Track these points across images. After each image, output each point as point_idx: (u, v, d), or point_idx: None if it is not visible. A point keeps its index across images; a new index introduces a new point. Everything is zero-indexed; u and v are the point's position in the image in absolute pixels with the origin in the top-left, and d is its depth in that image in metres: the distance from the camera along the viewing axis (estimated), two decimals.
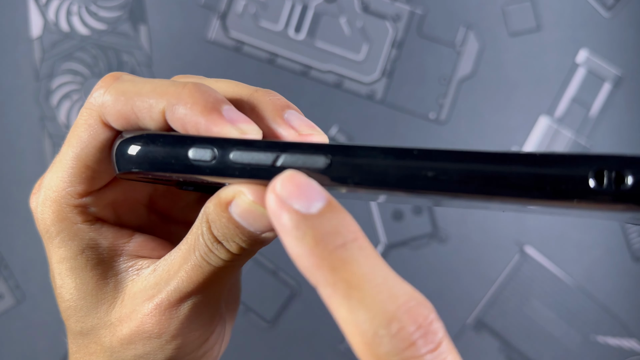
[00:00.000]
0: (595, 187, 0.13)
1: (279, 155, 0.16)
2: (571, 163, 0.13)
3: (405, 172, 0.15)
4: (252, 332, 0.57)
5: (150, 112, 0.17)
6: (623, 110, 0.57)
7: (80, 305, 0.19)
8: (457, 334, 0.57)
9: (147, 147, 0.17)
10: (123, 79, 0.18)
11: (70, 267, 0.19)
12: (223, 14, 0.55)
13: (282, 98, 0.18)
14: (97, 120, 0.18)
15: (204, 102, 0.17)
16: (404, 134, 0.56)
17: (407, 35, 0.56)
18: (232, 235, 0.17)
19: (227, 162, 0.16)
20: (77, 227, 0.19)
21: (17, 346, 0.55)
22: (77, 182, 0.18)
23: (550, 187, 0.13)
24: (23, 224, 0.55)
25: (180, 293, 0.18)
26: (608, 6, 0.56)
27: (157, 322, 0.18)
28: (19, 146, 0.54)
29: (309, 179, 0.14)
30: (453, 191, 0.14)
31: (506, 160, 0.14)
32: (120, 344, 0.19)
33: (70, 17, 0.53)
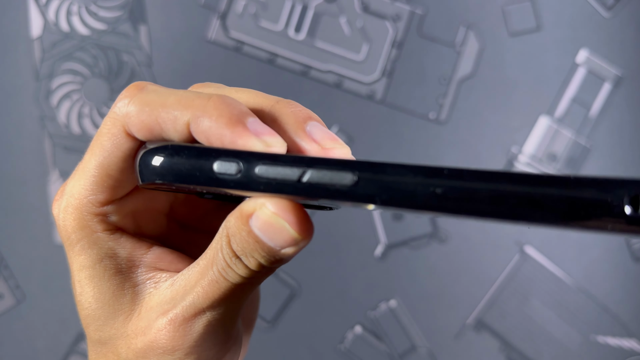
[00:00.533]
0: (631, 214, 0.13)
1: (305, 171, 0.15)
2: (606, 187, 0.13)
3: (434, 192, 0.14)
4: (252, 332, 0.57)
5: (174, 124, 0.17)
6: (623, 110, 0.57)
7: (99, 314, 0.19)
8: (457, 334, 0.57)
9: (171, 159, 0.17)
10: (148, 89, 0.18)
11: (89, 276, 0.19)
12: (223, 14, 0.55)
13: (304, 109, 0.18)
14: (120, 130, 0.18)
15: (229, 114, 0.16)
16: (404, 134, 0.56)
17: (407, 35, 0.56)
18: (251, 250, 0.17)
19: (252, 176, 0.16)
20: (96, 236, 0.19)
21: (17, 346, 0.55)
22: (98, 191, 0.18)
23: (584, 212, 0.13)
24: (23, 224, 0.55)
25: (196, 309, 0.18)
26: (608, 6, 0.56)
27: (171, 338, 0.18)
28: (19, 146, 0.54)
29: None
30: (483, 215, 0.14)
31: (539, 183, 0.13)
32: (135, 357, 0.19)
33: (70, 17, 0.53)
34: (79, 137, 0.54)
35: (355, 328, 0.58)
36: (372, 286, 0.58)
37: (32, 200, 0.54)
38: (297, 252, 0.17)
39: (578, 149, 0.58)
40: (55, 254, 0.55)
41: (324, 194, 0.15)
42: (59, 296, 0.55)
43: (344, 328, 0.58)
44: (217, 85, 0.20)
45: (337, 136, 0.17)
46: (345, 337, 0.58)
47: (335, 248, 0.57)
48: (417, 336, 0.58)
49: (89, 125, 0.54)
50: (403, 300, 0.58)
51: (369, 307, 0.58)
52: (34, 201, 0.54)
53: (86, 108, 0.54)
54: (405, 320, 0.58)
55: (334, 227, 0.57)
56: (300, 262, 0.57)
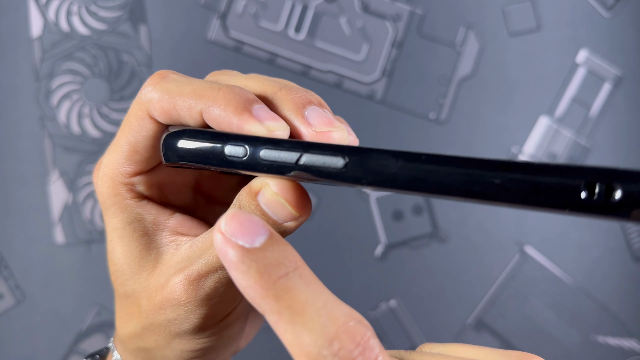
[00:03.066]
0: (586, 199, 0.14)
1: (302, 155, 0.17)
2: (565, 174, 0.14)
3: (413, 175, 0.16)
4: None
5: (189, 111, 0.19)
6: (623, 110, 0.57)
7: (125, 270, 0.22)
8: (457, 334, 0.57)
9: (188, 142, 0.19)
10: (169, 78, 0.21)
11: (120, 236, 0.22)
12: (223, 14, 0.55)
13: (305, 94, 0.20)
14: (145, 114, 0.20)
15: (236, 103, 0.19)
16: (404, 134, 0.56)
17: (407, 35, 0.56)
18: None
19: (257, 159, 0.18)
20: (126, 202, 0.21)
21: (17, 346, 0.55)
22: (128, 164, 0.21)
23: (544, 196, 0.14)
24: (23, 224, 0.55)
25: (209, 267, 0.20)
26: (608, 6, 0.56)
27: (185, 291, 0.20)
28: (19, 146, 0.54)
29: (251, 215, 0.15)
30: (455, 195, 0.16)
31: (505, 168, 0.15)
32: (153, 309, 0.21)
33: (70, 17, 0.53)
34: (79, 137, 0.54)
35: None
36: (372, 286, 0.58)
37: (32, 200, 0.54)
38: (298, 226, 0.19)
39: (578, 149, 0.58)
40: (55, 254, 0.55)
41: (319, 175, 0.17)
42: (59, 296, 0.55)
43: None
44: (232, 73, 0.22)
45: (333, 119, 0.19)
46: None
47: (335, 248, 0.57)
48: (417, 336, 0.58)
49: (89, 125, 0.54)
50: (403, 300, 0.58)
51: (369, 307, 0.58)
52: (34, 201, 0.54)
53: (86, 108, 0.54)
54: (405, 320, 0.58)
55: (334, 227, 0.57)
56: None
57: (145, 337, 0.22)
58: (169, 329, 0.21)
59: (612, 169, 0.14)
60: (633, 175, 0.14)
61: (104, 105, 0.54)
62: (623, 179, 0.14)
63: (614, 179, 0.14)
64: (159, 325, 0.21)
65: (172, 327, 0.21)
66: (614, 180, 0.14)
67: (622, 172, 0.14)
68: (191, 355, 0.22)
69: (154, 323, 0.21)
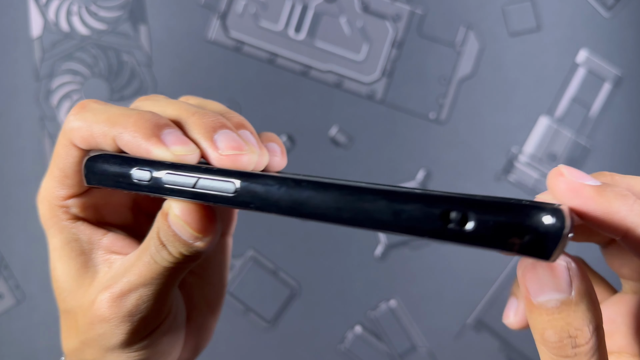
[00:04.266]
0: (442, 227, 0.14)
1: (198, 180, 0.18)
2: (425, 202, 0.14)
3: (293, 201, 0.17)
4: (252, 332, 0.57)
5: (104, 138, 0.20)
6: (623, 110, 0.57)
7: (65, 287, 0.23)
8: (457, 334, 0.57)
9: (102, 166, 0.20)
10: (88, 107, 0.22)
11: (59, 255, 0.23)
12: (223, 14, 0.55)
13: (218, 119, 0.20)
14: (69, 142, 0.22)
15: (145, 128, 0.19)
16: (404, 134, 0.56)
17: (407, 35, 0.56)
18: (171, 241, 0.20)
19: (159, 183, 0.19)
20: (62, 224, 0.23)
21: (17, 346, 0.55)
22: (60, 188, 0.23)
23: (405, 223, 0.15)
24: (23, 224, 0.55)
25: (130, 285, 0.21)
26: (608, 6, 0.56)
27: (109, 308, 0.21)
28: (19, 146, 0.54)
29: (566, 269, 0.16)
30: (329, 221, 0.16)
31: (370, 195, 0.15)
32: (86, 324, 0.22)
33: (70, 17, 0.53)
34: None
35: (355, 328, 0.58)
36: (372, 286, 0.58)
37: (32, 200, 0.54)
38: (209, 245, 0.20)
39: (578, 149, 0.58)
40: None
41: (214, 200, 0.18)
42: None
43: (344, 328, 0.58)
44: (157, 98, 0.23)
45: (243, 143, 0.20)
46: (345, 337, 0.58)
47: (335, 248, 0.57)
48: (417, 336, 0.58)
49: None
50: (403, 300, 0.58)
51: (369, 307, 0.58)
52: (34, 201, 0.54)
53: None
54: (405, 320, 0.58)
55: (334, 227, 0.57)
56: (300, 262, 0.57)
57: (83, 351, 0.23)
58: (100, 344, 0.22)
59: (465, 198, 0.14)
60: (486, 204, 0.14)
61: None
62: (476, 208, 0.14)
63: (467, 209, 0.14)
64: (92, 340, 0.22)
65: (102, 341, 0.22)
66: (467, 209, 0.14)
67: (474, 201, 0.14)
68: None
69: (88, 338, 0.22)
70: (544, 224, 0.14)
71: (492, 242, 0.14)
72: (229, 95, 0.55)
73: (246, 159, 0.19)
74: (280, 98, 0.55)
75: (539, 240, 0.14)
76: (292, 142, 0.56)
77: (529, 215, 0.14)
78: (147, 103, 0.23)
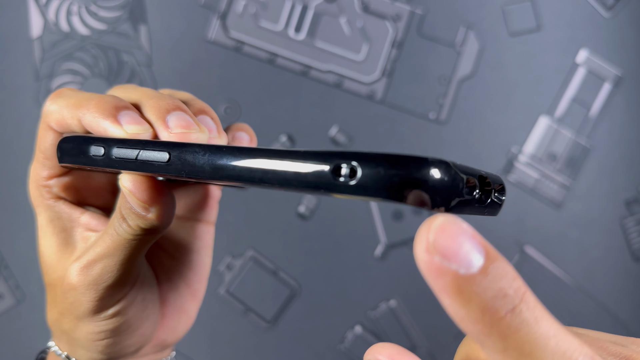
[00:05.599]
0: (334, 181, 0.15)
1: (140, 151, 0.20)
2: (317, 158, 0.16)
3: (214, 166, 0.18)
4: (252, 332, 0.57)
5: (72, 120, 0.23)
6: (623, 110, 0.57)
7: (47, 261, 0.25)
8: (457, 334, 0.57)
9: (67, 145, 0.22)
10: (63, 94, 0.24)
11: (43, 233, 0.25)
12: (223, 14, 0.55)
13: (173, 102, 0.22)
14: (46, 126, 0.24)
15: (103, 110, 0.22)
16: (404, 133, 0.56)
17: (407, 35, 0.56)
18: (128, 214, 0.22)
19: (111, 156, 0.20)
20: (46, 203, 0.25)
21: (17, 346, 0.55)
22: (42, 169, 0.25)
23: (303, 180, 0.16)
24: (23, 224, 0.55)
25: (96, 255, 0.23)
26: (608, 6, 0.56)
27: (76, 276, 0.23)
28: (19, 146, 0.54)
29: (462, 225, 0.13)
30: (241, 181, 0.17)
31: (273, 155, 0.17)
32: (60, 294, 0.24)
33: (70, 17, 0.53)
34: None
35: (355, 328, 0.58)
36: (372, 286, 0.58)
37: None
38: (163, 220, 0.22)
39: (578, 149, 0.58)
40: None
41: (153, 169, 0.19)
42: None
43: (344, 328, 0.58)
44: (126, 86, 0.25)
45: (193, 122, 0.21)
46: (345, 337, 0.58)
47: (335, 248, 0.57)
48: (417, 336, 0.58)
49: None
50: (403, 300, 0.58)
51: (369, 307, 0.58)
52: None
53: None
54: (405, 320, 0.58)
55: (334, 227, 0.57)
56: (300, 262, 0.57)
57: (61, 321, 0.25)
58: (72, 313, 0.24)
59: (354, 152, 0.15)
60: (371, 156, 0.15)
61: None
62: (363, 160, 0.15)
63: (356, 161, 0.15)
64: (66, 310, 0.25)
65: (74, 310, 0.24)
66: (357, 162, 0.15)
67: (362, 154, 0.15)
68: (98, 336, 0.25)
69: (64, 308, 0.25)
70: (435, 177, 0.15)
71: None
72: (229, 95, 0.55)
73: (194, 137, 0.21)
74: (280, 98, 0.55)
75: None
76: (292, 142, 0.56)
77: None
78: (117, 90, 0.25)
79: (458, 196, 0.15)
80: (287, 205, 0.56)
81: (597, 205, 0.58)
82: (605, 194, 0.58)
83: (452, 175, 0.15)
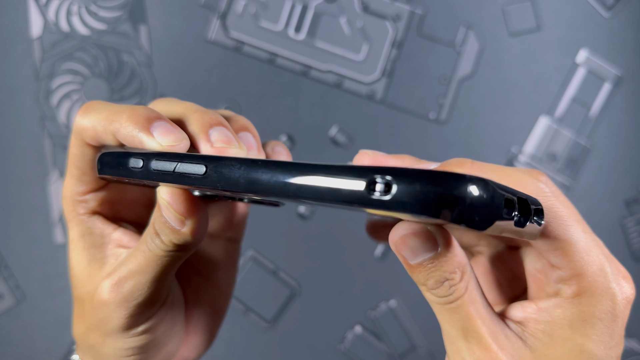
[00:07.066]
0: (368, 195, 0.15)
1: (178, 164, 0.20)
2: (352, 174, 0.16)
3: (249, 179, 0.18)
4: (252, 332, 0.57)
5: (106, 134, 0.22)
6: (623, 110, 0.57)
7: (78, 276, 0.25)
8: None
9: (107, 159, 0.22)
10: (92, 108, 0.23)
11: (75, 248, 0.25)
12: (223, 14, 0.55)
13: (217, 117, 0.22)
14: (81, 142, 0.24)
15: (136, 122, 0.21)
16: (404, 134, 0.56)
17: (407, 35, 0.56)
18: (162, 228, 0.22)
19: (149, 169, 0.20)
20: (79, 218, 0.25)
21: (17, 346, 0.55)
22: (78, 185, 0.25)
23: (337, 195, 0.16)
24: (23, 224, 0.55)
25: (127, 272, 0.23)
26: (608, 6, 0.56)
27: (108, 293, 0.23)
28: (19, 146, 0.54)
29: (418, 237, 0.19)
30: (275, 195, 0.17)
31: (307, 170, 0.17)
32: (90, 310, 0.24)
33: (70, 17, 0.53)
34: None
35: (355, 328, 0.58)
36: (372, 286, 0.58)
37: (32, 200, 0.54)
38: (196, 236, 0.22)
39: (578, 149, 0.58)
40: (55, 254, 0.55)
41: (189, 182, 0.19)
42: (59, 296, 0.55)
43: (344, 328, 0.58)
44: (169, 99, 0.25)
45: (233, 138, 0.22)
46: (345, 337, 0.58)
47: (335, 248, 0.57)
48: (417, 336, 0.58)
49: None
50: (403, 300, 0.58)
51: (369, 307, 0.58)
52: (34, 201, 0.54)
53: None
54: (405, 320, 0.58)
55: (334, 227, 0.57)
56: (300, 262, 0.57)
57: (88, 336, 0.25)
58: (101, 328, 0.24)
59: (389, 168, 0.15)
60: (408, 172, 0.15)
61: None
62: (398, 176, 0.15)
63: (391, 177, 0.15)
64: (95, 325, 0.24)
65: (103, 326, 0.24)
66: (391, 177, 0.15)
67: (397, 170, 0.15)
68: (125, 352, 0.25)
69: (92, 323, 0.24)
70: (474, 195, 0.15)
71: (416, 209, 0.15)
72: (229, 95, 0.55)
73: (232, 152, 0.21)
74: (280, 98, 0.55)
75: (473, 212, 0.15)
76: (292, 142, 0.56)
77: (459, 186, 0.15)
78: (160, 103, 0.25)
79: (497, 218, 0.15)
80: (287, 205, 0.56)
81: (597, 205, 0.58)
82: (605, 194, 0.58)
83: (491, 193, 0.15)
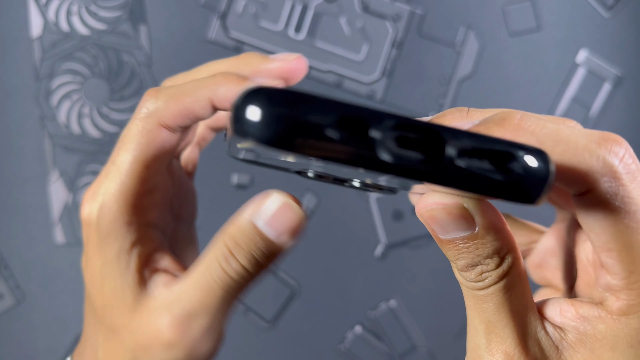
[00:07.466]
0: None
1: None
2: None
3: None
4: (252, 332, 0.57)
5: (198, 103, 0.20)
6: (623, 110, 0.57)
7: (112, 304, 0.21)
8: (457, 334, 0.57)
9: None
10: (164, 86, 0.21)
11: (112, 268, 0.21)
12: (223, 14, 0.55)
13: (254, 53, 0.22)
14: (154, 125, 0.20)
15: (234, 79, 0.20)
16: None
17: (407, 35, 0.56)
18: (247, 242, 0.19)
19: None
20: (128, 228, 0.21)
21: (17, 346, 0.55)
22: (136, 183, 0.21)
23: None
24: (23, 224, 0.55)
25: (194, 312, 0.20)
26: (608, 6, 0.56)
27: (172, 334, 0.20)
28: (19, 146, 0.54)
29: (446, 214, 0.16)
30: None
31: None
32: (138, 347, 0.21)
33: (70, 17, 0.53)
34: (79, 137, 0.54)
35: (355, 328, 0.58)
36: (372, 286, 0.58)
37: (32, 200, 0.54)
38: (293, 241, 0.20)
39: None
40: (55, 254, 0.55)
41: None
42: (59, 296, 0.55)
43: (344, 328, 0.58)
44: (184, 73, 0.23)
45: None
46: (345, 337, 0.58)
47: (335, 248, 0.57)
48: (417, 336, 0.58)
49: (89, 125, 0.54)
50: (403, 300, 0.58)
51: (369, 307, 0.58)
52: (34, 201, 0.54)
53: (86, 108, 0.54)
54: (405, 320, 0.58)
55: (334, 227, 0.57)
56: (300, 262, 0.57)
57: None
58: None
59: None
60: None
61: (104, 105, 0.54)
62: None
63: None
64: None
65: None
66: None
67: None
68: None
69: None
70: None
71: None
72: None
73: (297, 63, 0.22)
74: None
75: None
76: None
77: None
78: (181, 79, 0.23)
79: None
80: None
81: None
82: None
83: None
